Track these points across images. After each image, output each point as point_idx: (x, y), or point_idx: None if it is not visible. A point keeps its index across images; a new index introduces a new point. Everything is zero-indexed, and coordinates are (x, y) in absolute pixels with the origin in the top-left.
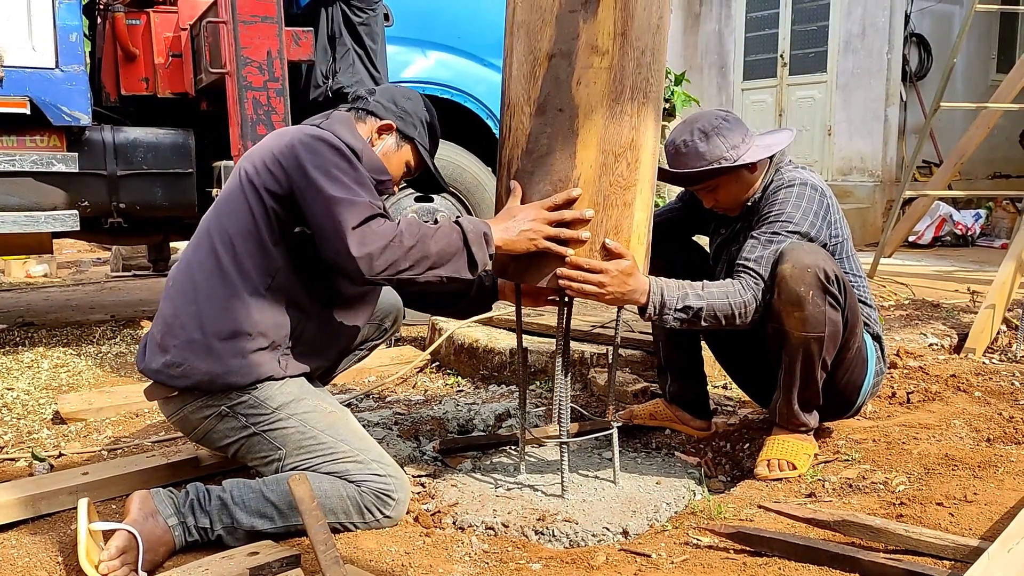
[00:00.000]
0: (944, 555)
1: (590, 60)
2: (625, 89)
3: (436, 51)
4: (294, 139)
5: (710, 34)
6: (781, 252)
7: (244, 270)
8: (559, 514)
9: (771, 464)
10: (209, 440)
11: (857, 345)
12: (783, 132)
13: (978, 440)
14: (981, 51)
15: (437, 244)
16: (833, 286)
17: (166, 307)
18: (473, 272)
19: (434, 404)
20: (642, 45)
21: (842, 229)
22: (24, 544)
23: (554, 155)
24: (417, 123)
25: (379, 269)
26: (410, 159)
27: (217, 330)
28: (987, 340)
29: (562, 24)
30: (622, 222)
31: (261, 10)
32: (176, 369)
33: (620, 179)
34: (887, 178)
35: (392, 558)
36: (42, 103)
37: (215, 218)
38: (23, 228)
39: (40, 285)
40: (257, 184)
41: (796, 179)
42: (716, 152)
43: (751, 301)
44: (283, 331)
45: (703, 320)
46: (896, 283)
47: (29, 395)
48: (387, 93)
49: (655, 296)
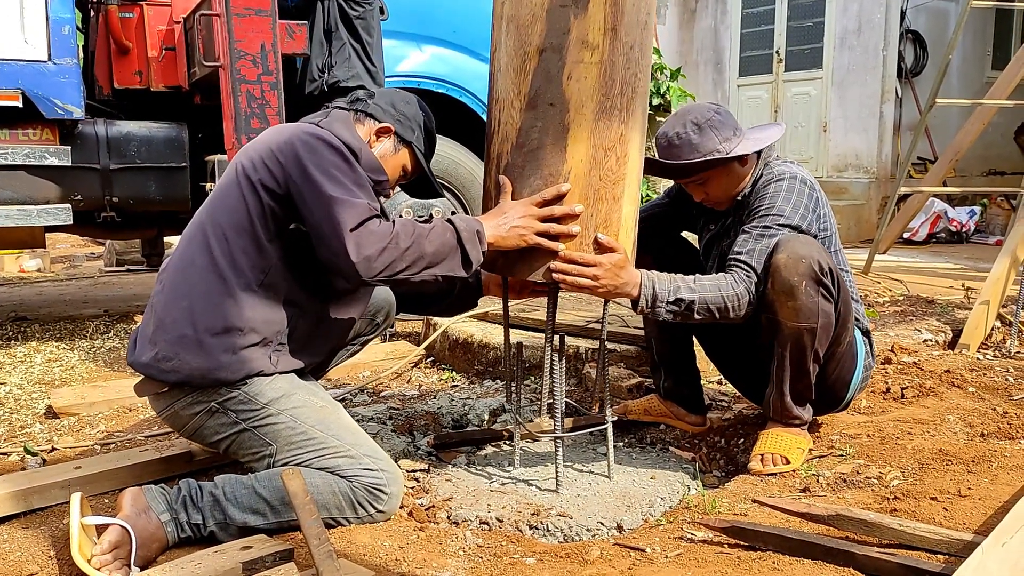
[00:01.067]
0: (938, 549)
1: (581, 55)
2: (615, 84)
3: (431, 45)
4: (293, 136)
5: (706, 30)
6: (776, 243)
7: (237, 265)
8: (553, 509)
9: (764, 458)
10: (200, 436)
11: (848, 340)
12: (773, 127)
13: (972, 435)
14: (976, 48)
15: (432, 244)
16: (827, 278)
17: (157, 301)
18: (467, 270)
19: (428, 399)
20: (631, 41)
21: (830, 223)
22: (16, 538)
23: (545, 149)
24: (415, 127)
25: (376, 271)
26: (407, 163)
27: (208, 325)
28: (981, 336)
29: (553, 18)
30: (611, 216)
31: (255, 3)
32: (166, 363)
33: (610, 173)
34: (882, 175)
35: (386, 552)
36: (35, 96)
37: (209, 213)
38: (15, 222)
39: (33, 280)
40: (254, 180)
41: (786, 173)
42: (709, 144)
43: (743, 294)
44: (275, 327)
45: (696, 313)
46: (891, 279)
47: (22, 389)
48: (386, 96)
49: (647, 289)
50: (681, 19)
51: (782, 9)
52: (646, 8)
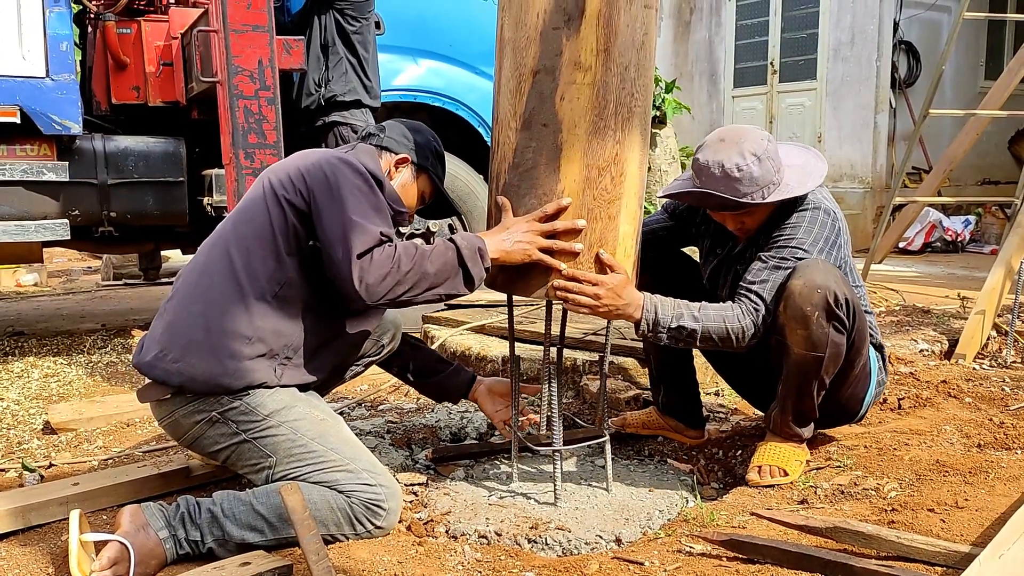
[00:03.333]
0: (936, 561)
1: (573, 76)
2: (608, 104)
3: (428, 59)
4: (322, 159)
5: (700, 42)
6: (795, 267)
7: (254, 275)
8: (552, 522)
9: (762, 470)
10: (199, 446)
11: (863, 363)
12: (810, 154)
13: (969, 446)
14: (969, 58)
15: (434, 264)
16: (841, 309)
17: (170, 306)
18: (470, 288)
19: (426, 412)
20: (625, 61)
21: (847, 250)
22: (14, 555)
23: (539, 169)
24: (429, 154)
25: (378, 296)
26: (425, 189)
27: (218, 331)
28: (977, 346)
29: (546, 41)
30: (607, 235)
31: (252, 19)
32: (172, 364)
33: (604, 193)
34: (877, 185)
35: (385, 568)
36: (32, 112)
37: (233, 224)
38: (13, 237)
39: (30, 294)
40: (280, 195)
41: (810, 203)
42: (767, 177)
43: (749, 327)
44: (283, 340)
45: (698, 341)
46: (886, 289)
47: (19, 405)
48: (397, 128)
49: (648, 313)
50: (676, 31)
51: (776, 21)
52: (643, 28)
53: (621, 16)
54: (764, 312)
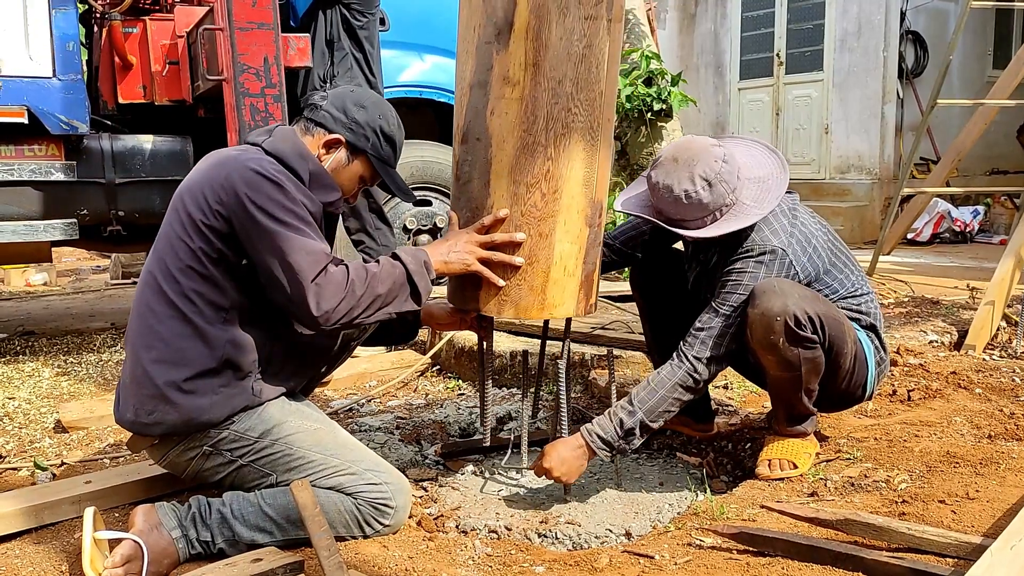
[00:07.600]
0: (947, 553)
1: (502, 91)
2: (538, 119)
3: (433, 55)
4: (232, 173)
5: (706, 34)
6: (752, 292)
7: (197, 306)
8: (562, 516)
9: (772, 463)
10: (202, 478)
11: (851, 357)
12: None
13: (979, 437)
14: (977, 48)
15: (384, 284)
16: (805, 329)
17: (129, 355)
18: (418, 303)
19: (435, 408)
20: (558, 75)
21: (818, 262)
22: (27, 554)
23: (472, 183)
24: (369, 134)
25: (334, 321)
26: (364, 172)
27: (181, 375)
28: (987, 337)
29: (480, 55)
30: (537, 252)
31: (257, 16)
32: (148, 417)
33: (534, 209)
34: (885, 176)
35: (395, 563)
36: (40, 112)
37: (157, 258)
38: (22, 237)
39: (40, 294)
40: (199, 222)
41: (767, 247)
42: (719, 201)
43: (684, 378)
44: (250, 357)
45: (659, 420)
46: (895, 280)
47: (30, 404)
48: (339, 101)
49: (595, 444)
50: (681, 24)
51: (782, 12)
52: (583, 40)
53: (552, 29)
54: (691, 362)
